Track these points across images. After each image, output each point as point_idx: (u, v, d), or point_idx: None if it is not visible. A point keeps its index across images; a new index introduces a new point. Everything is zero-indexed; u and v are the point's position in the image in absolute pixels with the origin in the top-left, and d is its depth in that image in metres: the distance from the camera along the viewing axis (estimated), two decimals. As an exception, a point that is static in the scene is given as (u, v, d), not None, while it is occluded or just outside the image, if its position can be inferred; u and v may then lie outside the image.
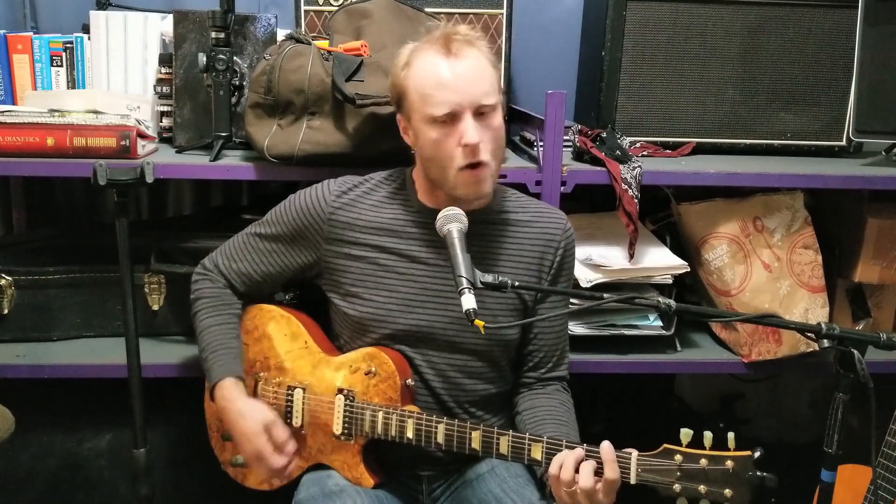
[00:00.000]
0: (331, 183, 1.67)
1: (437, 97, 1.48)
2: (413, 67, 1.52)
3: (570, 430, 1.61)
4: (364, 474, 1.61)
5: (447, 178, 1.53)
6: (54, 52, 2.12)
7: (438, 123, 1.49)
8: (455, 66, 1.48)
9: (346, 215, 1.64)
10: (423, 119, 1.51)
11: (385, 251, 1.63)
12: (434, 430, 1.53)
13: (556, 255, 1.66)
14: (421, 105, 1.51)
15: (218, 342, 1.65)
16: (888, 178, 2.00)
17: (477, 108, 1.49)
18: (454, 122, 1.49)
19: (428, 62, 1.50)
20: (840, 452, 1.30)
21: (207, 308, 1.70)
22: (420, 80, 1.50)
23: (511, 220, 1.65)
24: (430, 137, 1.51)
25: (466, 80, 1.48)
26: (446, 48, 1.49)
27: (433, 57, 1.50)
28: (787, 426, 2.78)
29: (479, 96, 1.48)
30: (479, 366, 1.65)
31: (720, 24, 2.12)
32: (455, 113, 1.48)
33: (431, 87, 1.49)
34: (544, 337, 1.69)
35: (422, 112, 1.51)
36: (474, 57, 1.50)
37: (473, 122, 1.48)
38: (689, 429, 1.37)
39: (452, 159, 1.50)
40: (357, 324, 1.64)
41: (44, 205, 2.49)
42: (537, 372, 1.70)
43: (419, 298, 1.62)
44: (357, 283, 1.64)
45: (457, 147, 1.49)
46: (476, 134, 1.48)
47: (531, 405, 1.67)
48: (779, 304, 2.05)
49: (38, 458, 2.18)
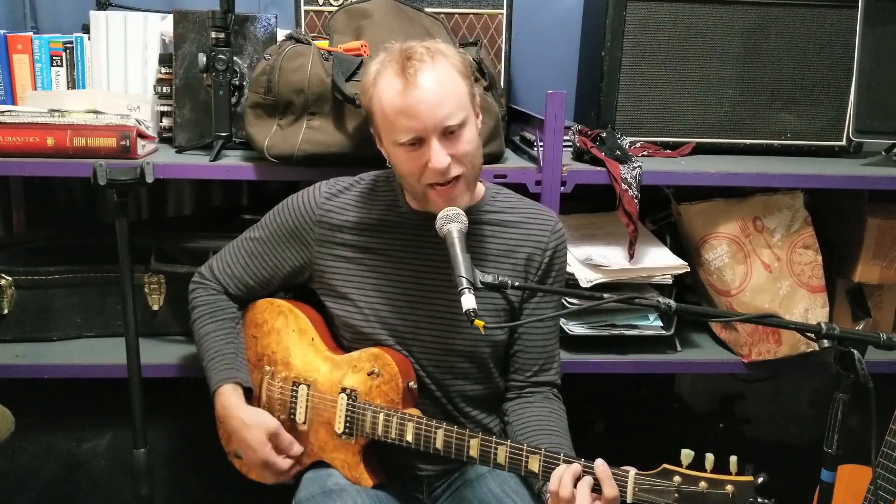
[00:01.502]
0: (321, 185, 1.68)
1: (398, 124, 1.45)
2: (376, 90, 1.48)
3: (562, 441, 1.59)
4: (364, 474, 1.61)
5: (419, 194, 1.54)
6: (54, 52, 2.12)
7: (404, 147, 1.47)
8: (414, 91, 1.43)
9: (336, 217, 1.64)
10: (390, 142, 1.50)
11: (372, 252, 1.63)
12: (433, 435, 1.53)
13: (543, 257, 1.64)
14: (386, 130, 1.50)
15: (214, 350, 1.67)
16: (888, 178, 2.00)
17: (442, 131, 1.45)
18: (421, 144, 1.46)
19: (387, 88, 1.45)
20: (840, 452, 1.30)
21: (203, 316, 1.71)
22: (382, 106, 1.47)
23: (499, 221, 1.64)
24: (399, 158, 1.50)
25: (427, 104, 1.43)
26: (403, 73, 1.43)
27: (392, 81, 1.45)
28: (787, 426, 2.78)
29: (442, 119, 1.44)
30: (467, 367, 1.65)
31: (720, 24, 2.12)
32: (420, 138, 1.45)
33: (392, 115, 1.45)
34: (529, 338, 1.67)
35: (387, 136, 1.50)
36: (436, 75, 1.44)
37: (439, 146, 1.45)
38: (691, 449, 1.33)
39: (422, 178, 1.49)
40: (347, 325, 1.65)
41: (44, 205, 2.49)
42: (524, 375, 1.68)
43: (405, 300, 1.62)
44: (347, 285, 1.64)
45: (423, 168, 1.47)
46: (442, 157, 1.45)
47: (520, 415, 1.65)
48: (779, 304, 2.05)
49: (38, 458, 2.18)
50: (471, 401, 1.68)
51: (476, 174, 1.55)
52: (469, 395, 1.67)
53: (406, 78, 1.43)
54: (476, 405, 1.69)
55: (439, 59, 1.47)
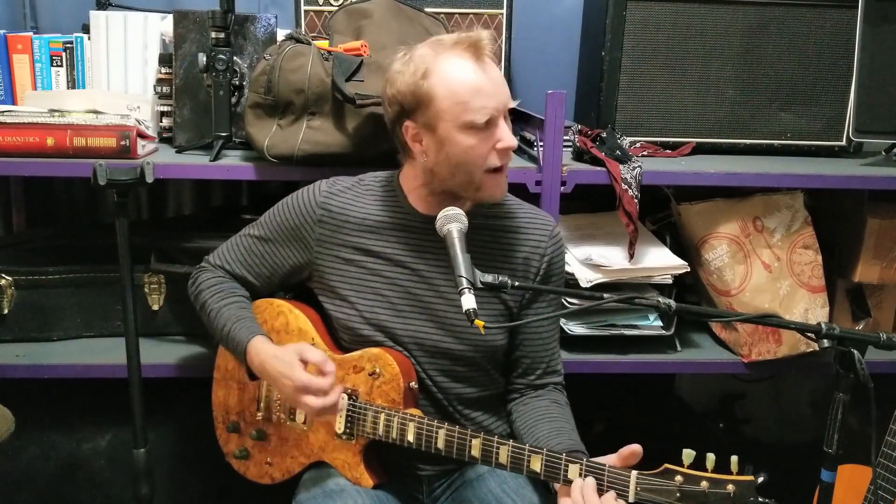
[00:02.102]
0: (322, 184, 1.67)
1: (475, 103, 1.47)
2: (439, 75, 1.48)
3: (563, 425, 1.60)
4: (364, 475, 1.61)
5: (473, 182, 1.53)
6: (54, 52, 2.12)
7: (475, 129, 1.48)
8: (488, 71, 1.49)
9: (336, 217, 1.64)
10: (459, 126, 1.49)
11: (372, 254, 1.62)
12: (434, 435, 1.53)
13: (541, 262, 1.65)
14: (457, 112, 1.48)
15: (236, 315, 1.64)
16: (888, 178, 2.00)
17: (505, 113, 1.52)
18: (489, 127, 1.49)
19: (460, 69, 1.48)
20: (840, 452, 1.30)
21: (214, 295, 1.69)
22: (454, 88, 1.47)
23: (498, 226, 1.64)
24: (464, 144, 1.50)
25: (499, 85, 1.50)
26: (476, 54, 1.48)
27: (464, 63, 1.48)
28: (787, 426, 2.78)
29: (507, 100, 1.51)
30: (464, 370, 1.65)
31: (720, 24, 2.12)
32: (493, 118, 1.49)
33: (469, 94, 1.47)
34: (531, 343, 1.67)
35: (457, 119, 1.49)
36: (494, 62, 1.53)
37: (506, 126, 1.51)
38: (691, 449, 1.33)
39: (484, 163, 1.51)
40: (345, 327, 1.64)
41: (44, 205, 2.49)
42: (527, 378, 1.69)
43: (404, 302, 1.62)
44: (345, 286, 1.64)
45: (491, 151, 1.51)
46: (512, 136, 1.52)
47: (523, 410, 1.66)
48: (779, 304, 2.05)
49: (38, 458, 2.18)
50: (471, 403, 1.68)
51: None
52: (469, 398, 1.67)
53: (480, 57, 1.48)
54: (476, 407, 1.69)
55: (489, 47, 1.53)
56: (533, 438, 1.58)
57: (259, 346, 1.59)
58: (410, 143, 1.55)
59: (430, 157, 1.54)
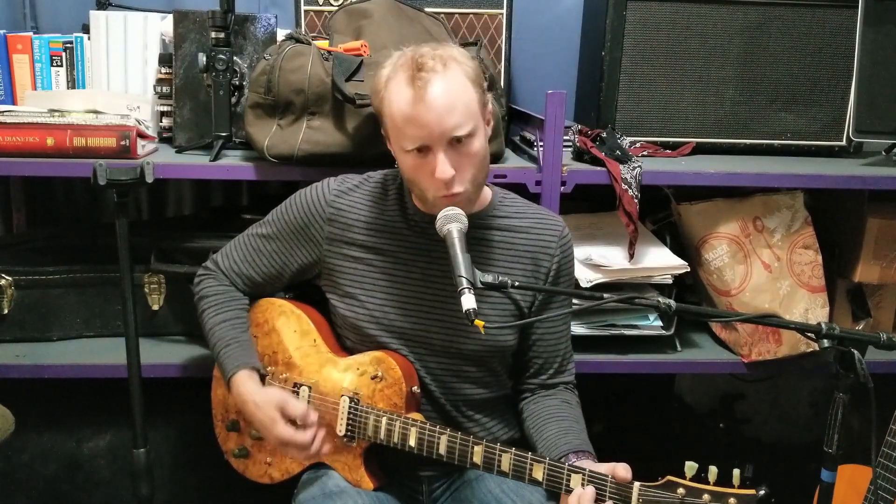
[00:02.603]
0: (331, 182, 1.66)
1: (406, 131, 1.44)
2: (387, 95, 1.47)
3: (572, 425, 1.60)
4: (364, 477, 1.61)
5: (426, 199, 1.53)
6: (54, 52, 2.12)
7: (412, 153, 1.47)
8: (422, 99, 1.41)
9: (346, 216, 1.63)
10: (399, 147, 1.50)
11: (381, 253, 1.62)
12: (437, 440, 1.53)
13: (552, 263, 1.64)
14: (394, 135, 1.50)
15: (230, 336, 1.65)
16: (888, 178, 2.00)
17: (449, 141, 1.44)
18: (427, 152, 1.45)
19: (397, 93, 1.44)
20: (840, 452, 1.30)
21: (214, 305, 1.69)
22: (391, 110, 1.46)
23: (507, 226, 1.64)
24: (406, 164, 1.50)
25: (435, 113, 1.41)
26: (412, 83, 1.42)
27: (402, 87, 1.43)
28: (787, 426, 2.78)
29: (449, 129, 1.42)
30: (473, 371, 1.65)
31: (720, 24, 2.12)
32: (426, 146, 1.44)
33: (401, 121, 1.44)
34: (543, 344, 1.68)
35: (396, 141, 1.50)
36: (445, 85, 1.42)
37: (444, 157, 1.43)
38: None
39: (428, 186, 1.48)
40: (353, 325, 1.64)
41: (44, 205, 2.49)
42: (539, 378, 1.69)
43: (413, 302, 1.62)
44: (354, 285, 1.63)
45: (431, 176, 1.46)
46: (447, 169, 1.43)
47: (534, 409, 1.66)
48: (779, 304, 2.05)
49: (38, 458, 2.18)
50: (476, 405, 1.67)
51: (481, 183, 1.55)
52: (474, 400, 1.67)
53: (415, 89, 1.42)
54: (481, 410, 1.68)
55: (452, 66, 1.45)
56: (542, 438, 1.58)
57: (241, 385, 1.60)
58: (388, 144, 1.57)
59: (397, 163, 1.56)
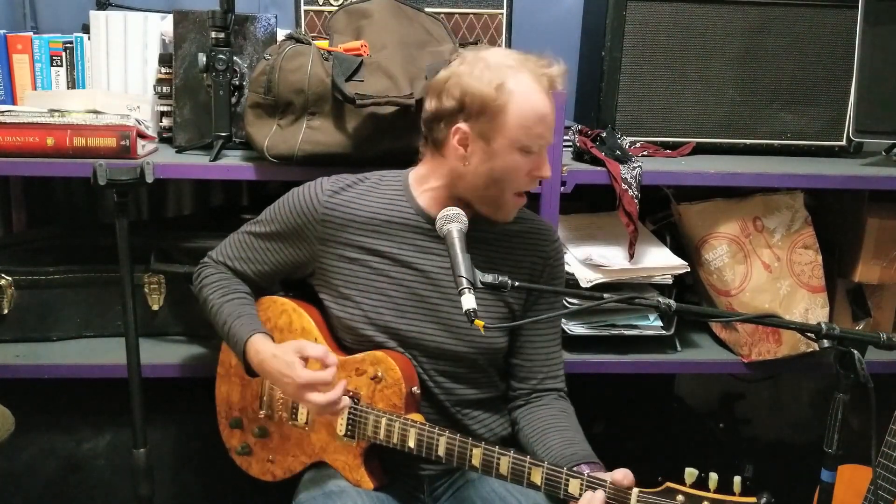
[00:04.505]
0: (324, 181, 1.65)
1: (536, 131, 1.51)
2: (515, 92, 1.48)
3: (574, 434, 1.60)
4: (364, 477, 1.61)
5: (500, 199, 1.57)
6: (54, 52, 2.12)
7: (527, 153, 1.52)
8: (552, 106, 1.54)
9: (340, 216, 1.63)
10: (513, 145, 1.51)
11: (376, 254, 1.62)
12: (436, 442, 1.53)
13: (544, 267, 1.67)
14: (518, 132, 1.50)
15: (238, 311, 1.65)
16: (888, 178, 2.00)
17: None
18: (531, 153, 1.53)
19: (535, 94, 1.51)
20: (840, 452, 1.30)
21: (217, 290, 1.69)
22: (524, 109, 1.49)
23: (504, 231, 1.65)
24: (513, 163, 1.53)
25: (555, 121, 1.57)
26: (551, 87, 1.53)
27: (539, 91, 1.51)
28: (787, 426, 2.78)
29: (553, 137, 1.59)
30: (466, 372, 1.65)
31: (720, 24, 2.12)
32: (542, 148, 1.55)
33: (534, 121, 1.50)
34: (531, 346, 1.68)
35: (515, 139, 1.51)
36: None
37: (547, 158, 1.57)
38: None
39: (518, 185, 1.56)
40: (348, 326, 1.64)
41: (44, 205, 2.49)
42: (529, 383, 1.69)
43: (409, 303, 1.62)
44: (349, 286, 1.63)
45: (526, 175, 1.55)
46: (549, 169, 1.59)
47: (530, 419, 1.66)
48: (779, 304, 2.05)
49: (38, 458, 2.18)
50: (471, 405, 1.68)
51: None
52: (469, 400, 1.67)
53: (549, 95, 1.53)
54: (478, 408, 1.68)
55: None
56: (544, 447, 1.58)
57: (258, 344, 1.59)
58: (455, 144, 1.53)
59: (470, 165, 1.54)
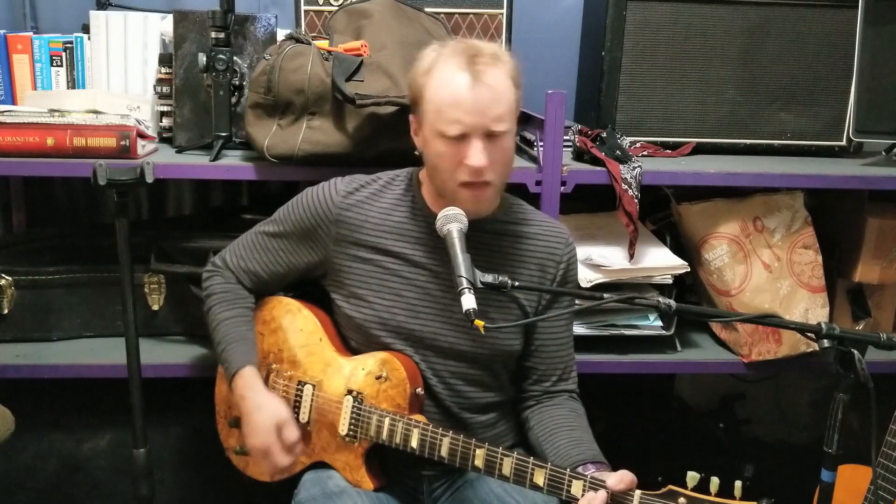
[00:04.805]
0: (339, 182, 1.66)
1: (449, 115, 1.45)
2: (433, 76, 1.48)
3: (583, 435, 1.60)
4: (365, 477, 1.61)
5: (448, 190, 1.53)
6: (54, 52, 2.12)
7: (447, 139, 1.47)
8: (474, 87, 1.44)
9: (354, 216, 1.63)
10: (434, 131, 1.49)
11: (390, 254, 1.62)
12: (438, 443, 1.53)
13: (557, 269, 1.65)
14: (434, 118, 1.49)
15: (236, 333, 1.65)
16: (888, 178, 2.00)
17: (486, 132, 1.46)
18: (463, 140, 1.47)
19: (448, 76, 1.46)
20: (840, 452, 1.30)
21: (221, 303, 1.70)
22: (437, 93, 1.47)
23: (514, 232, 1.64)
24: (436, 149, 1.50)
25: (482, 104, 1.45)
26: (470, 66, 1.45)
27: (454, 72, 1.46)
28: (787, 426, 2.78)
29: (490, 122, 1.45)
30: (478, 374, 1.65)
31: (720, 24, 2.12)
32: (465, 134, 1.46)
33: (446, 104, 1.46)
34: (547, 349, 1.68)
35: (433, 125, 1.49)
36: (496, 79, 1.46)
37: (481, 145, 1.46)
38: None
39: (455, 174, 1.49)
40: (358, 326, 1.64)
41: (44, 205, 2.49)
42: (542, 385, 1.69)
43: (422, 303, 1.62)
44: (361, 286, 1.63)
45: (460, 165, 1.48)
46: (482, 157, 1.46)
47: (540, 418, 1.66)
48: (779, 304, 2.05)
49: (38, 458, 2.17)
50: (479, 409, 1.67)
51: (502, 184, 1.56)
52: (478, 403, 1.67)
53: (471, 74, 1.44)
54: (485, 412, 1.68)
55: (502, 62, 1.49)
56: (552, 447, 1.58)
57: (246, 379, 1.61)
58: (413, 135, 1.58)
59: (423, 155, 1.57)
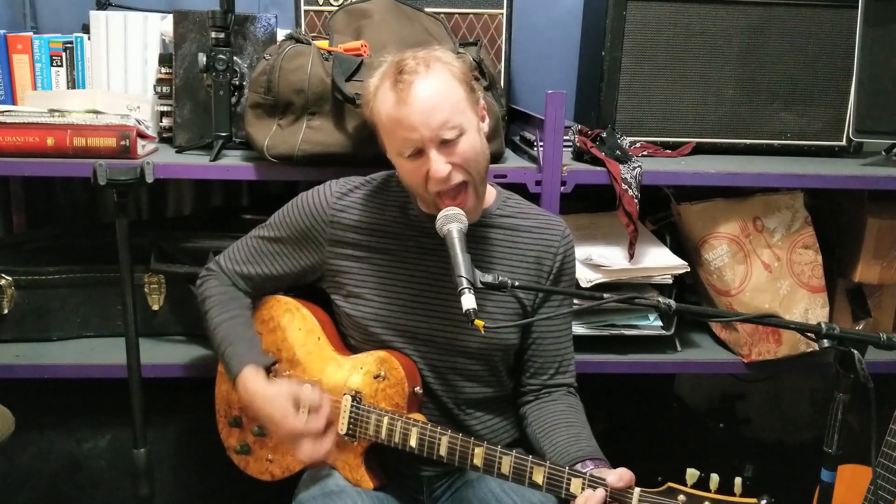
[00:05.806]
0: (332, 184, 1.67)
1: (397, 136, 1.46)
2: (375, 103, 1.49)
3: (581, 431, 1.60)
4: (364, 476, 1.61)
5: (430, 203, 1.53)
6: (54, 52, 2.12)
7: (406, 158, 1.48)
8: (406, 101, 1.43)
9: (348, 218, 1.64)
10: (394, 154, 1.51)
11: (386, 254, 1.63)
12: (437, 441, 1.53)
13: (554, 261, 1.65)
14: (388, 141, 1.51)
15: (234, 334, 1.65)
16: (888, 178, 2.00)
17: (439, 141, 1.44)
18: (421, 154, 1.46)
19: (383, 99, 1.47)
20: (840, 452, 1.30)
21: (217, 305, 1.70)
22: (381, 118, 1.49)
23: (510, 225, 1.65)
24: (403, 168, 1.52)
25: (422, 116, 1.42)
26: (395, 87, 1.44)
27: (387, 94, 1.45)
28: (787, 426, 2.78)
29: (437, 129, 1.43)
30: (477, 369, 1.65)
31: (720, 24, 2.12)
32: (419, 149, 1.46)
33: (390, 127, 1.47)
34: (543, 343, 1.68)
35: (391, 148, 1.51)
36: (428, 87, 1.43)
37: (438, 155, 1.45)
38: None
39: (427, 187, 1.49)
40: (358, 324, 1.64)
41: (44, 205, 2.49)
42: (540, 379, 1.69)
43: (419, 300, 1.62)
44: (359, 285, 1.64)
45: (427, 177, 1.47)
46: (442, 167, 1.45)
47: (539, 414, 1.66)
48: (779, 304, 2.05)
49: (38, 458, 2.17)
50: (478, 404, 1.68)
51: (482, 178, 1.55)
52: (477, 399, 1.67)
53: (397, 92, 1.43)
54: (483, 408, 1.69)
55: (435, 66, 1.46)
56: (551, 444, 1.58)
57: (248, 381, 1.59)
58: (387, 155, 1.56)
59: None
